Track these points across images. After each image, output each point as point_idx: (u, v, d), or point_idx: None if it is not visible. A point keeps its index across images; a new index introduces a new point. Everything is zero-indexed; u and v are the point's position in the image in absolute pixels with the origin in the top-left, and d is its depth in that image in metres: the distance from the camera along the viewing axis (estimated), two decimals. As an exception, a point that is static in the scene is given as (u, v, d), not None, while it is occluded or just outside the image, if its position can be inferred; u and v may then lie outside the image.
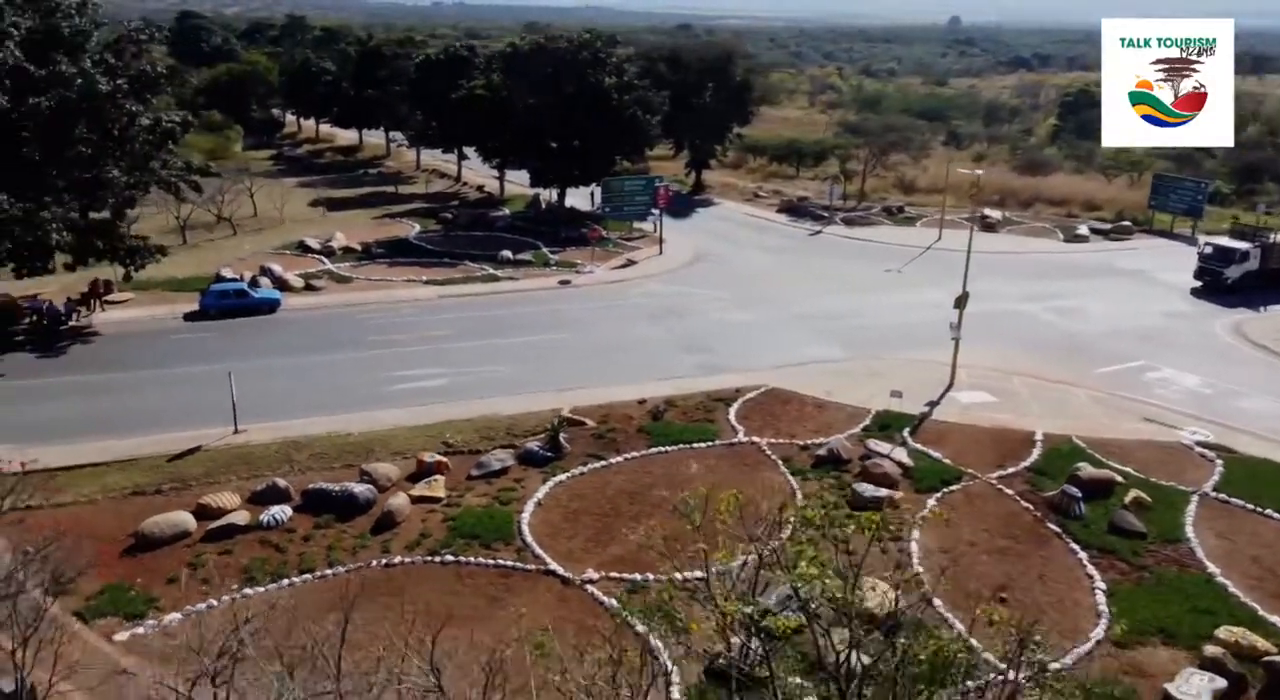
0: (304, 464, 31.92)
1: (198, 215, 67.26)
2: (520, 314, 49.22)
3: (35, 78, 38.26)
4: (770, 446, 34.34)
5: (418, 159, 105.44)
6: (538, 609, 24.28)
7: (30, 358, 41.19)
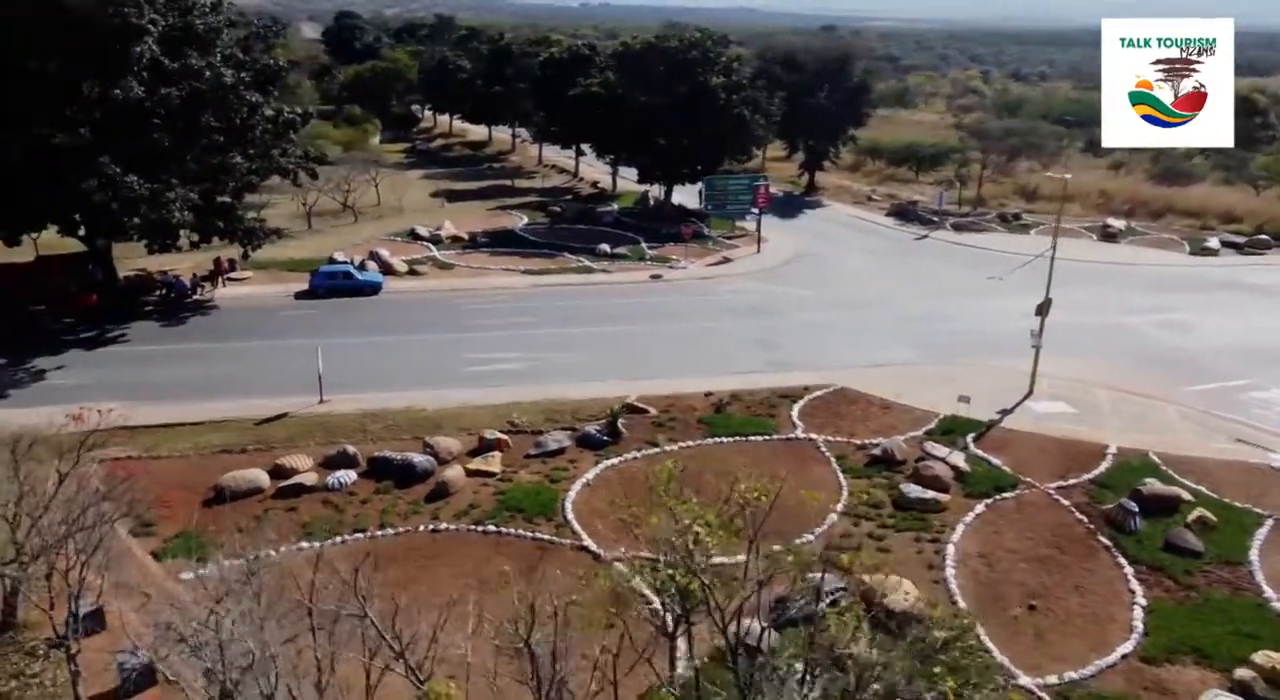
0: (376, 434, 33.99)
1: (324, 203, 71.57)
2: (605, 305, 50.55)
3: (168, 70, 41.90)
4: (826, 444, 34.47)
5: (539, 155, 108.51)
6: (565, 580, 25.35)
7: (155, 326, 45.09)
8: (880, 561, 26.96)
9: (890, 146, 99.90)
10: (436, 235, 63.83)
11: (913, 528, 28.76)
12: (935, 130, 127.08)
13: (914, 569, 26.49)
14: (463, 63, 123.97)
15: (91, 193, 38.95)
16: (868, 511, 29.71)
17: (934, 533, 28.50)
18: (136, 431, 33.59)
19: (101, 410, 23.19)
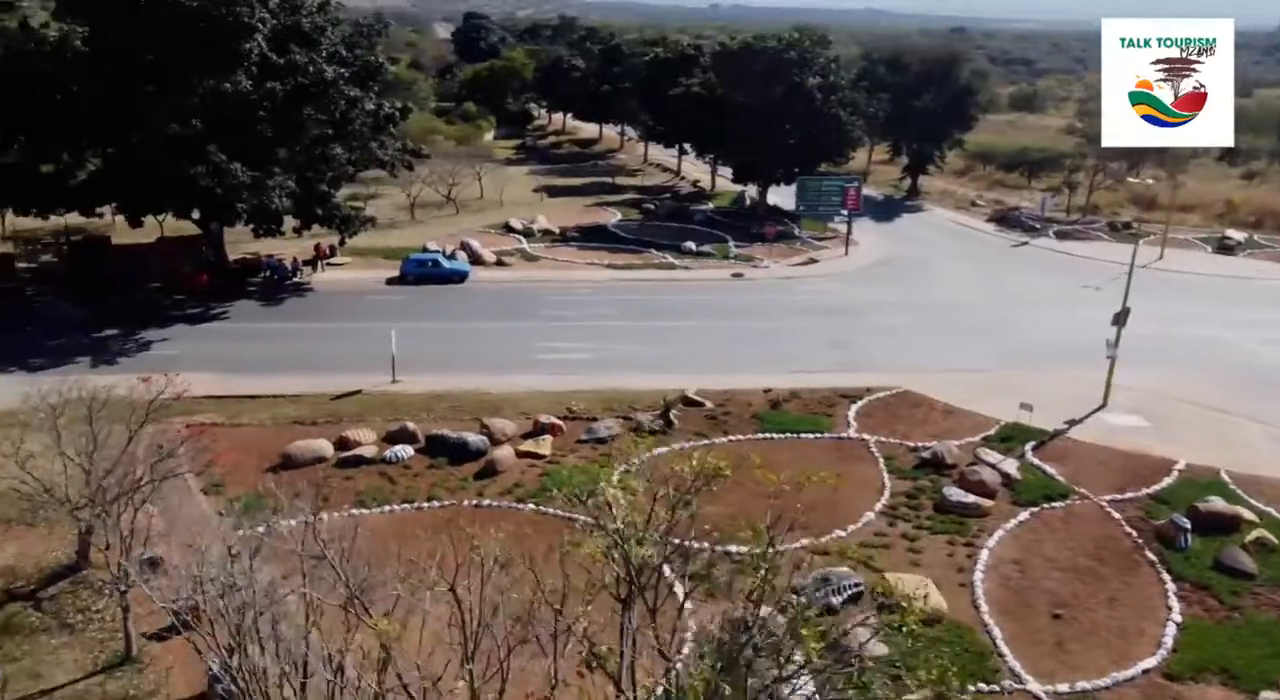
0: (440, 413, 35.63)
1: (430, 195, 74.56)
2: (681, 301, 51.27)
3: (275, 66, 44.72)
4: (878, 445, 34.36)
5: (645, 153, 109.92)
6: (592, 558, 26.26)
7: (255, 305, 48.17)
8: (910, 561, 27.16)
9: (1004, 151, 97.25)
10: (529, 228, 65.76)
11: (949, 531, 28.52)
12: (1060, 136, 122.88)
13: (941, 571, 26.34)
14: (576, 62, 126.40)
15: (199, 179, 42.02)
16: (906, 513, 29.61)
17: (970, 537, 28.20)
18: (224, 400, 36.30)
19: (169, 375, 25.03)
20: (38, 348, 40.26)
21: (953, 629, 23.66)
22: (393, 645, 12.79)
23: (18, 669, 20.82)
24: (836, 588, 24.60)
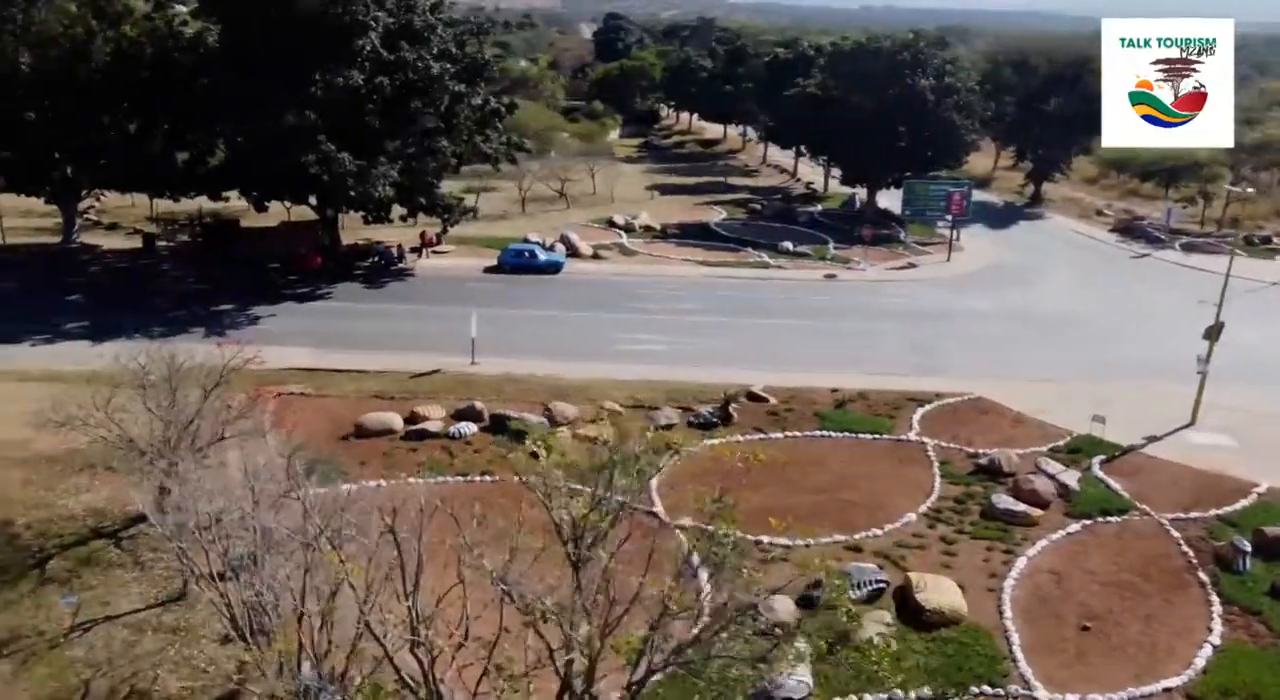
0: (510, 395, 37.20)
1: (542, 190, 76.96)
2: (767, 299, 51.51)
3: (385, 61, 47.39)
4: (936, 449, 33.95)
5: (764, 154, 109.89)
6: (624, 538, 27.21)
7: (359, 287, 51.12)
8: (941, 563, 26.90)
9: (1144, 158, 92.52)
10: (631, 224, 67.10)
11: (990, 537, 28.06)
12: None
13: (972, 575, 26.02)
14: (704, 62, 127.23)
15: (309, 167, 45.02)
16: (950, 516, 29.31)
17: (1011, 544, 27.68)
18: (315, 372, 38.94)
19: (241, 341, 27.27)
20: (160, 318, 43.99)
21: (969, 631, 23.45)
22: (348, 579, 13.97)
23: (91, 596, 23.30)
24: (857, 583, 24.72)
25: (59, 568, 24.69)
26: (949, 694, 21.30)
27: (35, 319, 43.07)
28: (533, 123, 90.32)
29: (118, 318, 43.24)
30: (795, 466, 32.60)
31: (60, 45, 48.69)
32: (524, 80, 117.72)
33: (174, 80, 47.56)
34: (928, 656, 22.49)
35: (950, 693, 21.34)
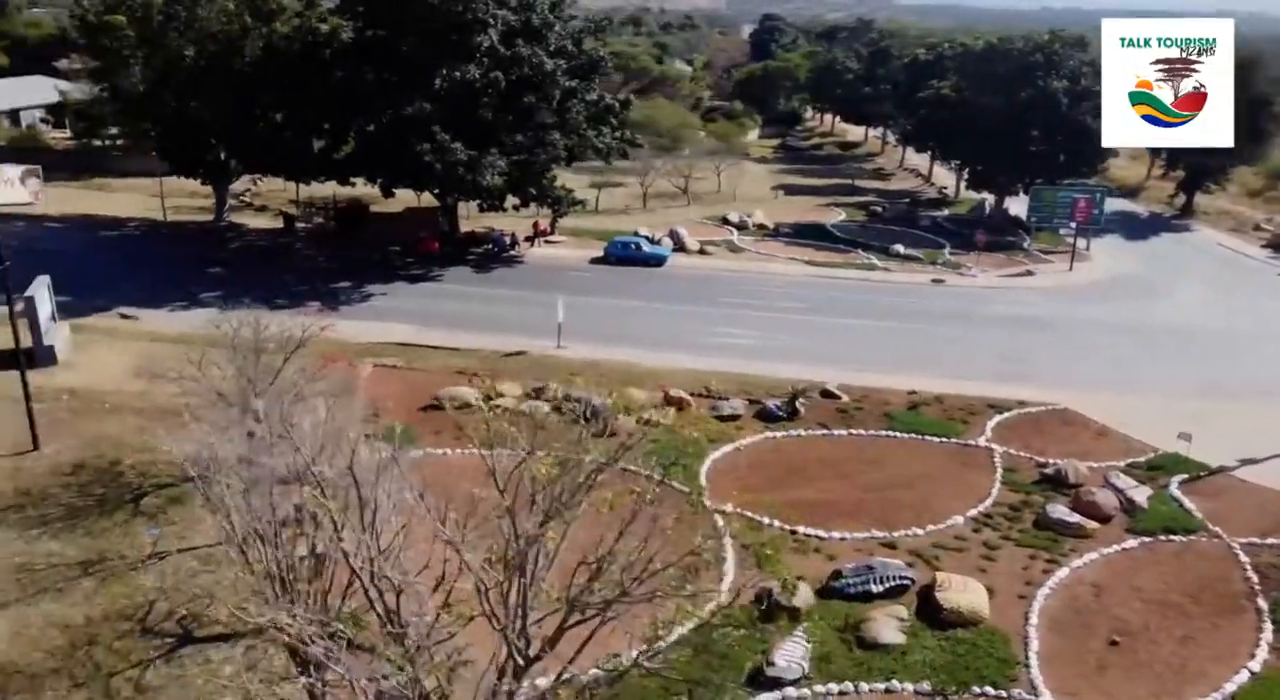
0: (587, 378, 38.49)
1: (665, 186, 78.36)
2: (866, 300, 51.07)
3: (502, 57, 49.70)
4: (1004, 456, 33.21)
5: (902, 158, 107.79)
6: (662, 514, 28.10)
7: (468, 271, 53.73)
8: (977, 567, 26.50)
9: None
10: (744, 222, 67.56)
11: (1036, 546, 27.43)
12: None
13: (1005, 580, 25.60)
14: (849, 64, 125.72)
15: (423, 155, 47.78)
16: (999, 522, 28.78)
17: (1057, 555, 26.99)
18: (410, 347, 41.45)
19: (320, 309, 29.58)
20: (284, 291, 47.59)
21: (986, 633, 23.17)
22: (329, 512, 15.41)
23: (171, 531, 26.00)
24: (880, 577, 24.79)
25: (151, 504, 27.55)
26: (947, 691, 21.24)
27: (178, 287, 47.45)
28: (665, 120, 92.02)
29: (247, 289, 46.99)
30: (851, 463, 32.67)
31: (218, 40, 53.33)
32: (662, 79, 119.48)
33: (312, 73, 51.33)
34: (936, 654, 22.43)
35: (950, 690, 21.27)
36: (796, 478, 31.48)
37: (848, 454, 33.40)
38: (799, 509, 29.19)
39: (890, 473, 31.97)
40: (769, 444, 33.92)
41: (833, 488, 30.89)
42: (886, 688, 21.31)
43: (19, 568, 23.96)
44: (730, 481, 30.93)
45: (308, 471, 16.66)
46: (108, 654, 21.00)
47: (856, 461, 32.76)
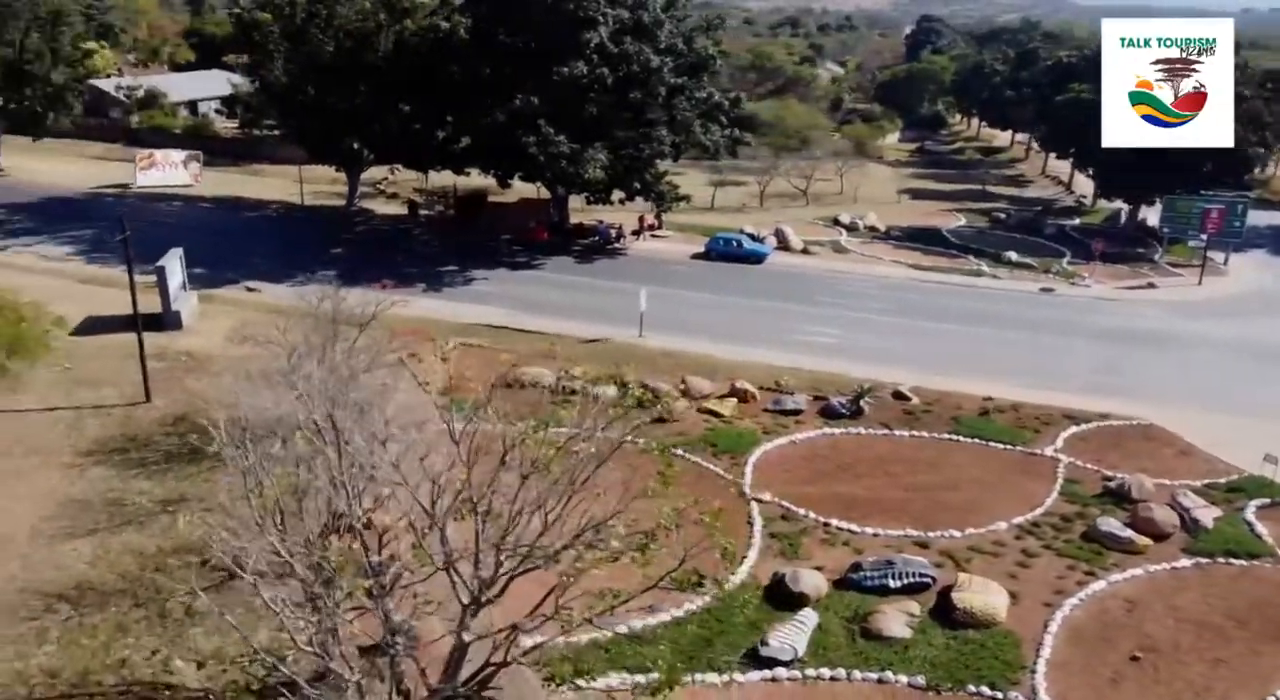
0: (660, 366, 39.48)
1: (785, 187, 78.41)
2: (965, 306, 50.02)
3: (610, 54, 51.22)
4: (1069, 467, 32.28)
5: (1044, 164, 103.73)
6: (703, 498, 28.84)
7: (570, 261, 55.54)
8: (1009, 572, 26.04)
9: None
10: (855, 223, 66.93)
11: (1077, 557, 26.71)
12: None
13: (1035, 588, 25.12)
14: (996, 66, 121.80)
15: (529, 147, 49.84)
16: (1045, 531, 28.14)
17: (1098, 567, 26.23)
18: (498, 330, 43.48)
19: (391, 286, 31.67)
20: (395, 271, 50.58)
21: (998, 636, 22.93)
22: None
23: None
24: (900, 573, 24.82)
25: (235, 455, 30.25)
26: (940, 686, 21.22)
27: (300, 265, 51.11)
28: (793, 121, 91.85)
29: (362, 269, 50.41)
30: (904, 463, 32.49)
31: (354, 36, 57.01)
32: (797, 79, 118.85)
33: (435, 68, 54.26)
34: (940, 651, 22.40)
35: (943, 686, 21.24)
36: (845, 473, 31.60)
37: (904, 454, 33.19)
38: (839, 503, 29.50)
39: (943, 475, 31.62)
40: (825, 440, 34.06)
41: (879, 485, 30.85)
42: (879, 678, 21.47)
43: (111, 501, 26.92)
44: (777, 472, 31.40)
45: (309, 419, 18.29)
46: (169, 581, 23.48)
47: (911, 462, 32.54)
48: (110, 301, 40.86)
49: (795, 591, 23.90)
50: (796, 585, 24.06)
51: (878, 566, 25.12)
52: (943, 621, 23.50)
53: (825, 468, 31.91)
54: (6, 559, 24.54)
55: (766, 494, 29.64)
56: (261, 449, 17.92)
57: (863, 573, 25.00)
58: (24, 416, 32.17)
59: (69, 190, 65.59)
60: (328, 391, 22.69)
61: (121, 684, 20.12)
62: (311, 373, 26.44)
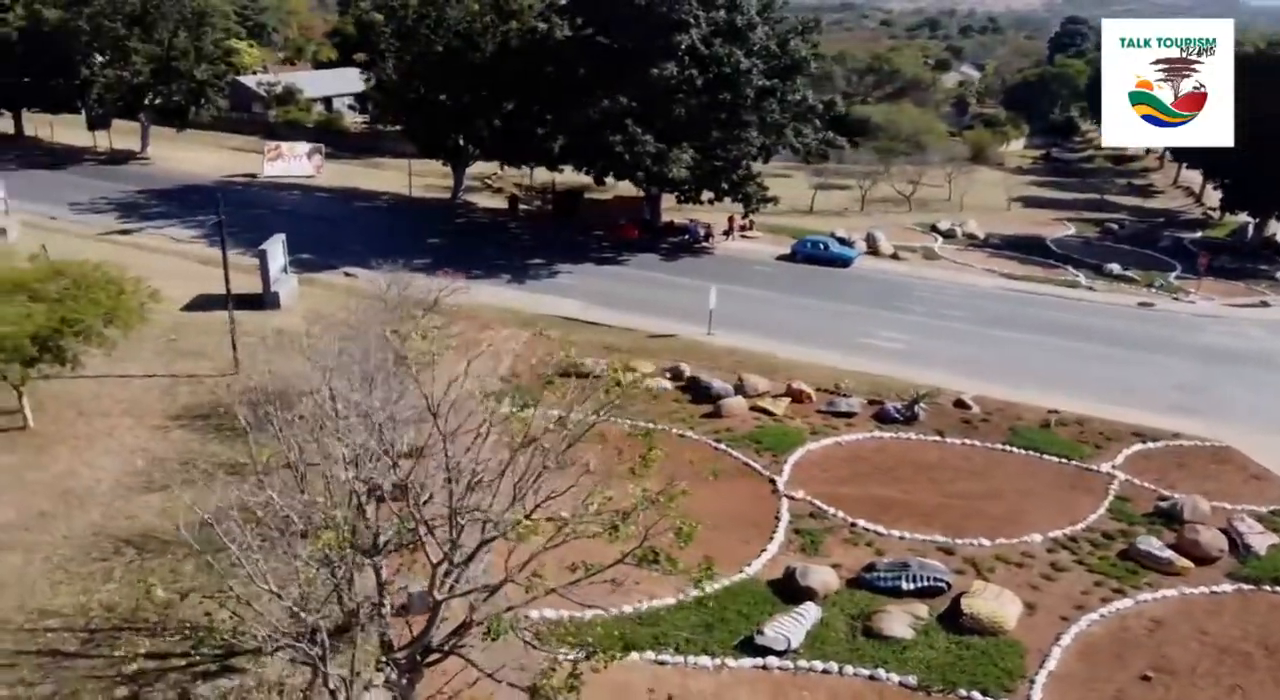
0: (723, 364, 40.09)
1: (887, 191, 77.45)
2: (1051, 317, 48.61)
3: (701, 56, 52.00)
4: (1124, 485, 31.36)
5: (1177, 174, 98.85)
6: (734, 493, 29.58)
7: (655, 258, 56.55)
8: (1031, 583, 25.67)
9: None
10: (952, 230, 65.60)
11: (1109, 574, 26.09)
12: None
13: (1055, 601, 24.73)
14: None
15: (615, 146, 51.14)
16: (1080, 546, 27.54)
17: (1128, 586, 25.59)
18: (571, 322, 44.91)
19: (454, 275, 33.38)
20: (483, 262, 52.83)
21: (1003, 644, 22.75)
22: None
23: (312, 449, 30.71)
24: (913, 575, 24.87)
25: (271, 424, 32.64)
26: (930, 687, 21.29)
27: (397, 253, 53.61)
28: (906, 125, 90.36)
29: (451, 258, 52.82)
30: (949, 470, 32.21)
31: (461, 36, 59.59)
32: (916, 83, 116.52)
33: (534, 68, 56.24)
34: (940, 654, 22.42)
35: (934, 687, 21.31)
36: (885, 476, 31.59)
37: (951, 462, 32.88)
38: (872, 505, 29.60)
39: (987, 484, 31.25)
40: (872, 443, 34.05)
41: (918, 490, 30.74)
42: (871, 675, 21.69)
43: (186, 462, 29.51)
44: (815, 471, 31.66)
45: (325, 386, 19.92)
46: (223, 536, 25.67)
47: (955, 470, 32.25)
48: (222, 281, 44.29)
49: (803, 586, 24.27)
50: (805, 580, 24.43)
51: (892, 568, 25.22)
52: (948, 626, 23.46)
53: (865, 470, 31.97)
54: (90, 507, 27.36)
55: (799, 491, 29.99)
56: (293, 418, 19.73)
57: (876, 573, 25.15)
58: (129, 382, 35.40)
59: (203, 178, 70.67)
60: (366, 369, 24.54)
61: (167, 623, 22.29)
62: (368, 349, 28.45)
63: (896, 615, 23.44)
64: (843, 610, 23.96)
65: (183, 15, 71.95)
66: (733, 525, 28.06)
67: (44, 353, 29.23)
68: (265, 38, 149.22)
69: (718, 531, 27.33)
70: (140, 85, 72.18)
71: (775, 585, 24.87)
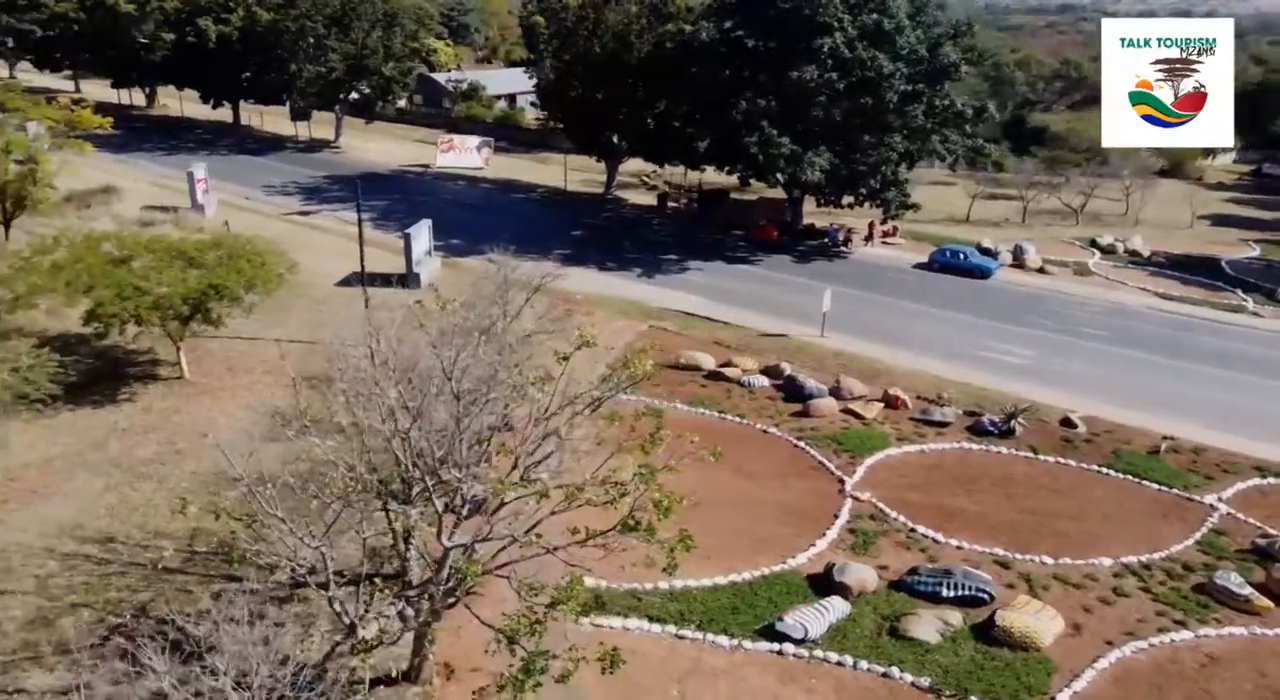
0: (827, 366, 40.31)
1: (1053, 204, 74.20)
2: (1202, 342, 45.68)
3: (843, 59, 51.93)
4: (1225, 518, 29.69)
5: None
6: (802, 489, 30.15)
7: (788, 260, 56.84)
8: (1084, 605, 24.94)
9: None
10: (1113, 246, 62.21)
11: (1175, 605, 25.00)
12: None
13: (1104, 625, 24.02)
14: None
15: (750, 147, 51.90)
16: (1153, 575, 26.45)
17: (1192, 619, 24.47)
18: (688, 316, 46.24)
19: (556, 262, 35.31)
20: (618, 256, 54.87)
21: (1031, 660, 22.48)
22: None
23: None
24: (955, 583, 24.79)
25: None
26: (943, 691, 21.36)
27: (540, 242, 56.47)
28: (1088, 134, 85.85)
29: (589, 251, 55.24)
30: (1030, 487, 31.46)
31: (618, 38, 61.92)
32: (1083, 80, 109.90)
33: (683, 69, 57.81)
34: (962, 662, 22.40)
35: (946, 691, 21.36)
36: (961, 487, 31.23)
37: (1037, 479, 32.04)
38: (938, 513, 29.47)
39: (1070, 504, 30.35)
40: (956, 453, 33.60)
41: (991, 503, 30.27)
42: (885, 672, 21.98)
43: (271, 422, 32.77)
44: (889, 476, 31.71)
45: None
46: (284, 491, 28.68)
47: (1038, 487, 31.44)
48: (376, 260, 48.33)
49: (838, 581, 24.68)
50: (841, 576, 24.83)
51: (934, 573, 25.20)
52: (979, 637, 23.34)
53: (941, 479, 31.67)
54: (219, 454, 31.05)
55: (865, 493, 30.16)
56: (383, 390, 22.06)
57: (917, 577, 25.21)
58: (275, 345, 39.53)
59: (382, 167, 76.51)
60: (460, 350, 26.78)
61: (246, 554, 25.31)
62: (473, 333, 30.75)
63: (926, 619, 23.51)
64: (875, 609, 24.23)
65: (376, 16, 78.06)
66: (791, 519, 28.74)
67: (195, 312, 33.34)
68: (466, 37, 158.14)
69: (774, 524, 28.33)
70: (336, 80, 78.86)
71: (813, 579, 25.39)
